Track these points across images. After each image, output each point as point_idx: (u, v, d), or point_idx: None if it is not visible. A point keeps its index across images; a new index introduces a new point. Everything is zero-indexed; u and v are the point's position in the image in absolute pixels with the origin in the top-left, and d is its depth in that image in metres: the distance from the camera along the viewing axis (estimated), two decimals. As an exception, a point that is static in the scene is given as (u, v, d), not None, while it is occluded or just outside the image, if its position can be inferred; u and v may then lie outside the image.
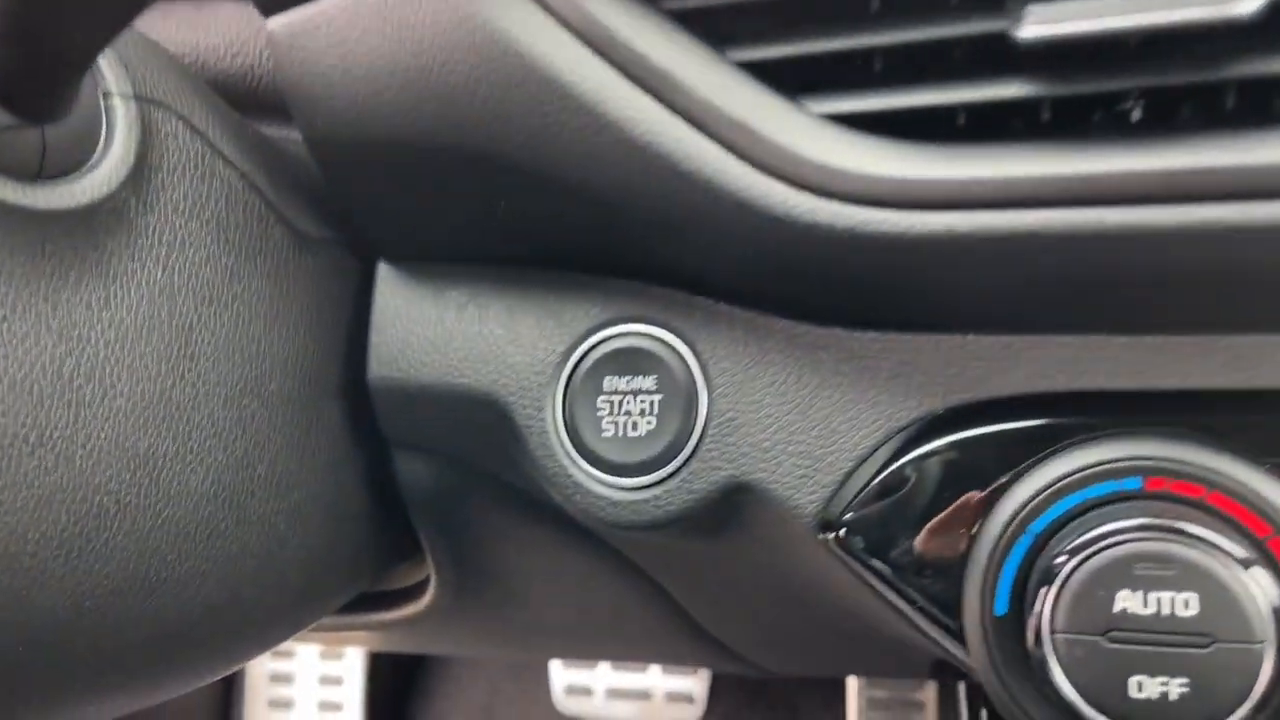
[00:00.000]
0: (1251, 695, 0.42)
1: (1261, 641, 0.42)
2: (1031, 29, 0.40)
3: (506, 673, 1.71)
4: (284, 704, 1.65)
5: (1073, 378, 0.48)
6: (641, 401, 0.54)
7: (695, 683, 1.53)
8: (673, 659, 0.86)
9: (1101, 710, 0.43)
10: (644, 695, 1.53)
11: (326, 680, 1.65)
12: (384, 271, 0.59)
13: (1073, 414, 0.47)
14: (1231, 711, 0.42)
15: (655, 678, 1.53)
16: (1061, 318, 0.48)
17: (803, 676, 1.30)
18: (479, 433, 0.59)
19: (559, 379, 0.55)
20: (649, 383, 0.54)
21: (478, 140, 0.48)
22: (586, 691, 1.54)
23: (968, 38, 0.42)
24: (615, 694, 1.53)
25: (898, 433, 0.50)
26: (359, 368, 0.60)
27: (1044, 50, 0.40)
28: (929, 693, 1.43)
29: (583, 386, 0.55)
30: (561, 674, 1.54)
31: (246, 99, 0.63)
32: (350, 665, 1.64)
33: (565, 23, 0.46)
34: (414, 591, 0.77)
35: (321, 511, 0.60)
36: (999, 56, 0.42)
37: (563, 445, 0.55)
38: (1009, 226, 0.42)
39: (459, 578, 0.72)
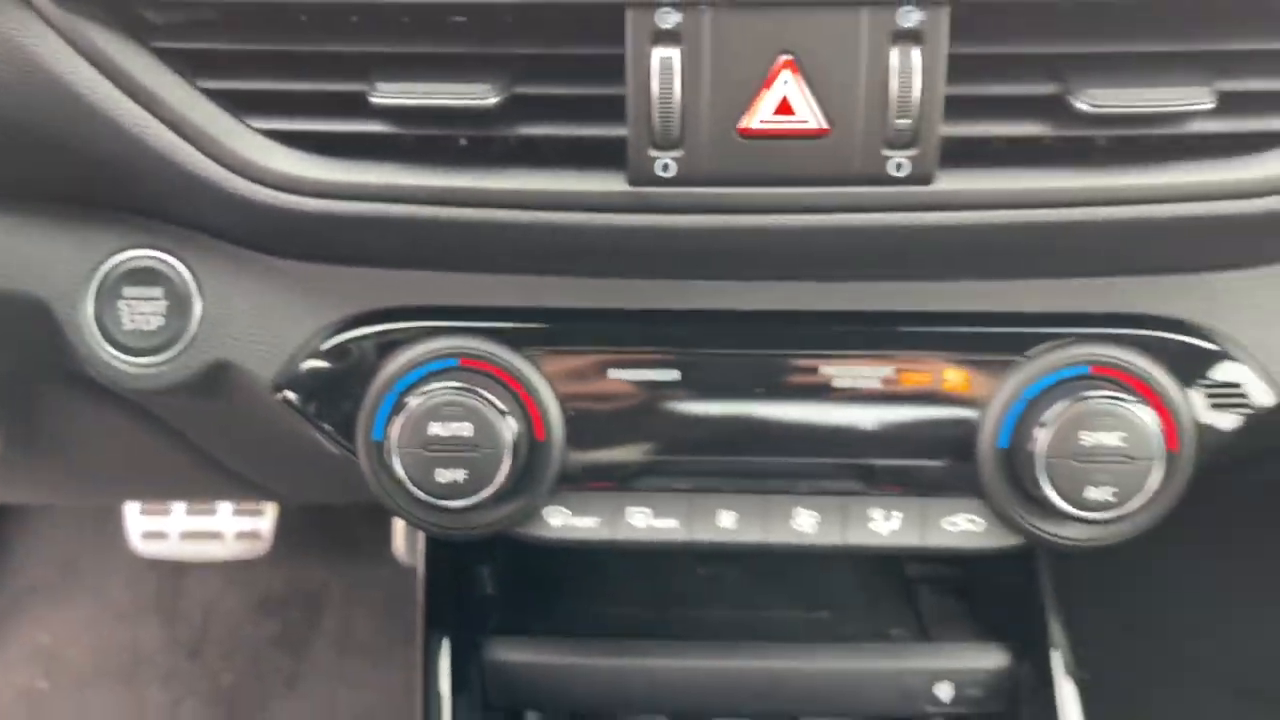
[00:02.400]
0: (496, 481, 0.75)
1: (496, 448, 0.75)
2: (387, 100, 0.67)
3: (88, 523, 1.87)
4: None
5: (414, 296, 0.79)
6: (153, 305, 0.79)
7: (262, 522, 1.78)
8: (209, 494, 1.12)
9: (419, 486, 0.75)
10: (215, 536, 1.77)
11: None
12: None
13: (414, 318, 0.78)
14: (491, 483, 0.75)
15: (225, 520, 1.76)
16: (426, 259, 0.79)
17: (326, 503, 1.59)
18: (30, 326, 0.81)
19: (89, 287, 0.78)
20: (157, 293, 0.79)
21: (8, 113, 0.69)
22: (162, 535, 1.75)
23: (335, 94, 0.69)
24: (189, 536, 1.76)
25: (325, 328, 0.79)
26: None
27: (393, 109, 0.68)
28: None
29: (109, 293, 0.78)
30: (137, 520, 1.74)
31: None
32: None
33: (81, 51, 0.68)
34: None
35: None
36: (357, 106, 0.69)
37: (94, 336, 0.79)
38: (357, 212, 0.71)
39: (26, 432, 0.93)
